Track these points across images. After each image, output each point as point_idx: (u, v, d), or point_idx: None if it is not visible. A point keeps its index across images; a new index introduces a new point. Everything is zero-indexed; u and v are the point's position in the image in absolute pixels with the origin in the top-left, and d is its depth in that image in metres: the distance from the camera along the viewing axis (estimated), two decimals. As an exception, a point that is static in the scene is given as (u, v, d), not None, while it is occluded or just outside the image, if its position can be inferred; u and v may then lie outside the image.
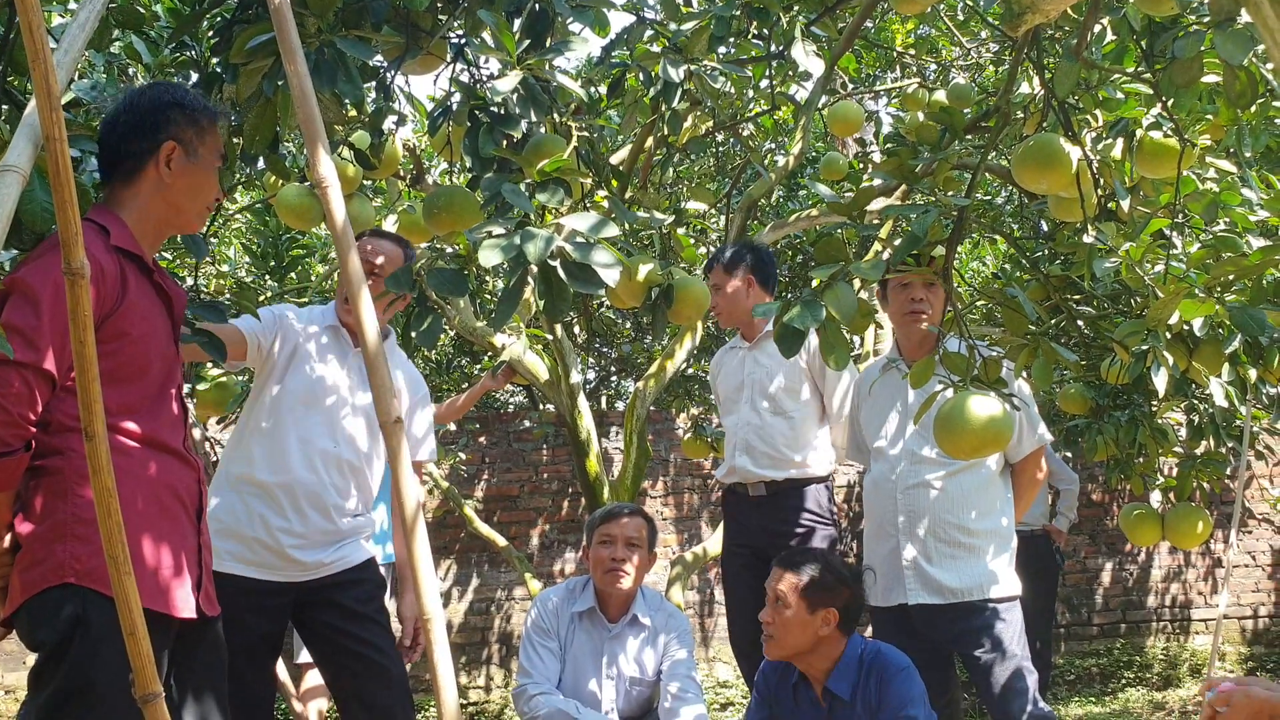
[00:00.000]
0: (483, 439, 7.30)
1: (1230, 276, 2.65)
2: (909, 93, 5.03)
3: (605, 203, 2.73)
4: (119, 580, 1.50)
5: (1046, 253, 5.22)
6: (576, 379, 5.25)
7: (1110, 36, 2.95)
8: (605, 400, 8.82)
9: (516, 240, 2.01)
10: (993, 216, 5.94)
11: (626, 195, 2.85)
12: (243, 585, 2.85)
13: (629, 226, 2.74)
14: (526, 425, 7.38)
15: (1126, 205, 2.93)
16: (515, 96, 2.47)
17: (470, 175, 2.81)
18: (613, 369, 8.85)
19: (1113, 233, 3.04)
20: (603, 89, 3.99)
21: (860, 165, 5.76)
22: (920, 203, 2.49)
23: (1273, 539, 7.64)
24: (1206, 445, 4.40)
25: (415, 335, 2.21)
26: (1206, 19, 2.31)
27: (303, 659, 4.66)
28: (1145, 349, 2.96)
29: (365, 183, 3.81)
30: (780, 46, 3.59)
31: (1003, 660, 3.12)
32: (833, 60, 4.15)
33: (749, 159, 5.67)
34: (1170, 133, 2.77)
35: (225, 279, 5.48)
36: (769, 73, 4.42)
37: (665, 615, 3.59)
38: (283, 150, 2.96)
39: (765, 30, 3.61)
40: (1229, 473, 4.41)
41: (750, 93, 5.15)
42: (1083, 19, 2.67)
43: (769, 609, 2.95)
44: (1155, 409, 4.29)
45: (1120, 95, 3.04)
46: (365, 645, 2.98)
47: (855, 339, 5.60)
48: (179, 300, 2.30)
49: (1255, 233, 2.95)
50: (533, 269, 2.06)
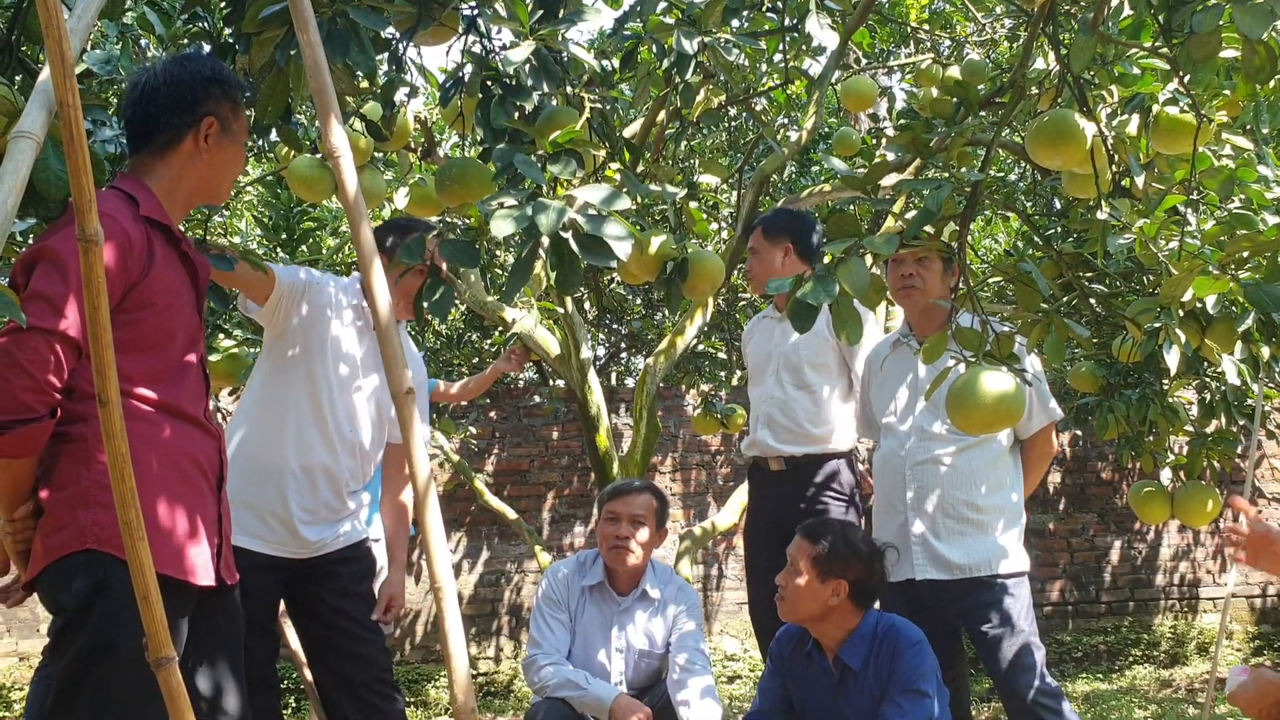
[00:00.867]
0: (493, 414, 7.32)
1: (1245, 253, 2.64)
2: (923, 68, 5.00)
3: (617, 176, 2.72)
4: (132, 545, 1.52)
5: (1059, 230, 5.20)
6: (587, 355, 5.26)
7: (1127, 11, 2.93)
8: (615, 376, 8.83)
9: (529, 211, 2.00)
10: (1006, 193, 5.91)
11: (639, 169, 2.84)
12: (248, 560, 2.85)
13: (641, 200, 2.73)
14: (537, 400, 7.39)
15: (1141, 182, 2.92)
16: (528, 68, 2.46)
17: (482, 148, 2.80)
18: (623, 345, 8.86)
19: (1127, 209, 3.03)
20: (616, 61, 3.97)
21: (873, 141, 5.74)
22: (934, 178, 2.48)
23: (1283, 519, 7.64)
24: (1218, 424, 4.39)
25: (427, 306, 2.21)
26: (1225, -7, 2.29)
27: None
28: (1157, 326, 2.96)
29: (376, 155, 3.80)
30: (794, 20, 3.57)
31: (1010, 636, 3.13)
32: (846, 34, 4.12)
33: (762, 134, 5.64)
34: (1187, 108, 2.75)
35: (237, 250, 5.48)
36: (783, 46, 4.40)
37: (675, 588, 3.60)
38: (294, 121, 2.95)
39: (779, 3, 3.59)
40: (1240, 451, 4.40)
41: (764, 66, 5.13)
42: (1100, -7, 2.65)
43: (785, 572, 2.98)
44: (1166, 387, 4.28)
45: (1137, 70, 3.02)
46: (352, 622, 3.00)
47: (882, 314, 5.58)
48: (204, 270, 2.32)
49: (1271, 210, 2.94)
50: (544, 241, 2.06)
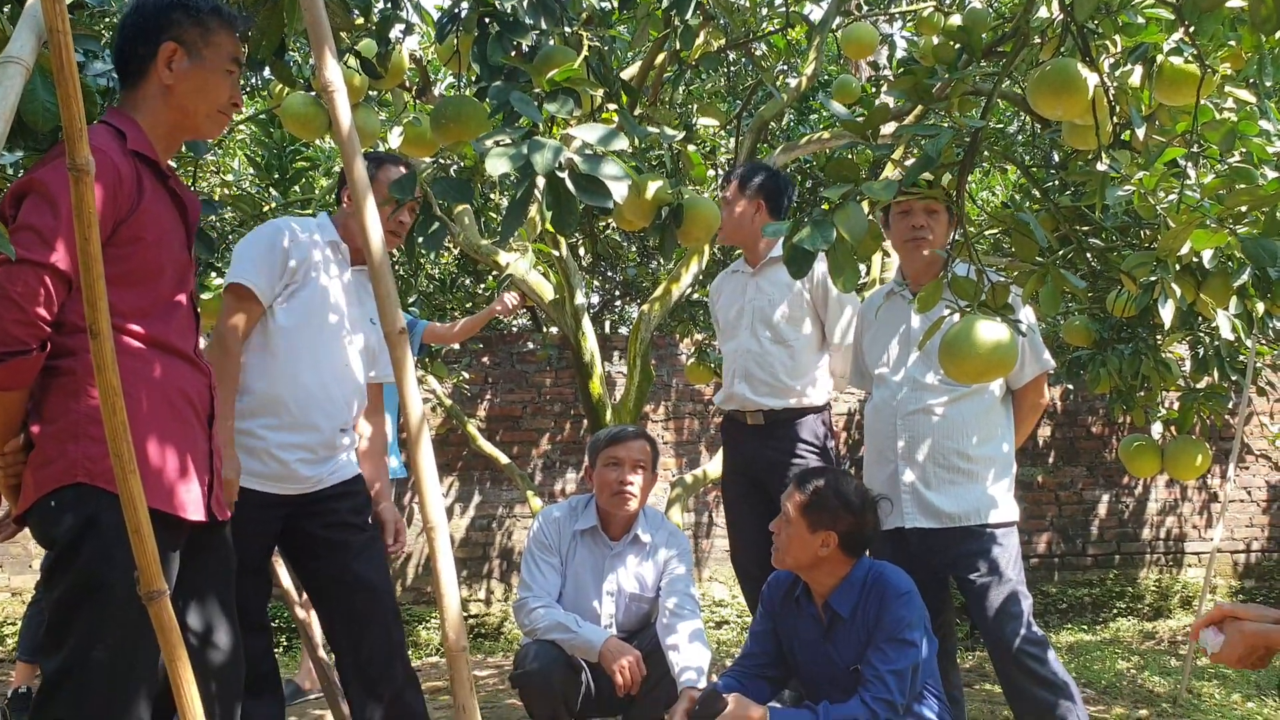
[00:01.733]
0: (486, 359, 7.32)
1: (1244, 208, 2.62)
2: (924, 16, 4.94)
3: (615, 117, 2.69)
4: (124, 479, 1.51)
5: (1057, 183, 5.18)
6: (581, 301, 5.24)
7: (1133, -41, 2.89)
8: (609, 324, 8.81)
9: (524, 150, 1.98)
10: (1004, 145, 5.87)
11: (636, 111, 2.81)
12: (244, 498, 2.85)
13: (639, 143, 2.71)
14: (530, 347, 7.39)
15: (1142, 134, 2.89)
16: (525, 4, 2.43)
17: (478, 87, 2.77)
18: (617, 292, 8.83)
19: (1127, 161, 3.01)
20: (614, 1, 3.92)
21: (873, 89, 5.69)
22: (934, 124, 2.45)
23: (1269, 475, 7.69)
24: (1209, 379, 4.41)
25: (420, 240, 2.20)
26: (1234, -60, 2.26)
27: None
28: (1153, 280, 2.95)
29: (371, 93, 3.76)
30: (796, -37, 3.52)
31: (998, 584, 3.15)
32: (849, -21, 4.07)
33: (761, 79, 5.59)
34: (1191, 59, 2.72)
35: (230, 188, 5.44)
36: (784, -10, 4.35)
37: (665, 533, 3.62)
38: (288, 58, 2.91)
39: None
40: (1230, 407, 4.42)
41: (764, 11, 5.07)
42: (1107, -61, 2.61)
43: (778, 520, 3.00)
44: (1160, 342, 4.29)
45: (1141, 20, 2.98)
46: (353, 556, 2.98)
47: (862, 268, 5.58)
48: (193, 207, 2.30)
49: (1271, 164, 2.92)
50: (540, 180, 2.04)
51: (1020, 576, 3.22)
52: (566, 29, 2.73)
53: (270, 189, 5.24)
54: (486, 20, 2.43)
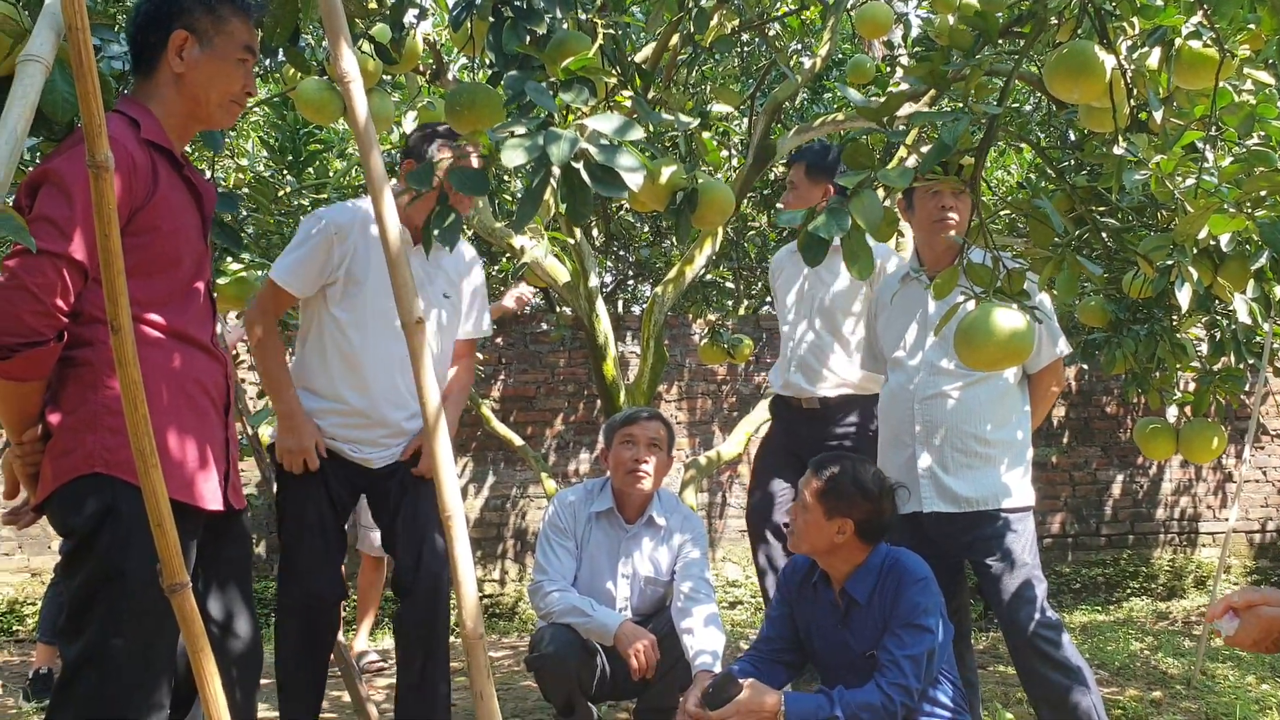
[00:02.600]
0: (500, 340, 7.32)
1: (1263, 192, 2.61)
2: (940, -5, 4.90)
3: (629, 103, 2.68)
4: (146, 473, 1.52)
5: (1073, 163, 5.14)
6: (595, 283, 5.23)
7: (1152, -60, 2.86)
8: (622, 304, 8.80)
9: (540, 141, 1.98)
10: (1020, 125, 5.83)
11: (650, 95, 2.80)
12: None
13: (653, 128, 2.70)
14: (544, 328, 7.39)
15: (1159, 117, 2.87)
16: (540, -9, 2.42)
17: (492, 71, 2.76)
18: (630, 272, 8.82)
19: (1144, 144, 2.98)
20: (628, -15, 3.90)
21: (887, 69, 5.65)
22: (950, 109, 2.44)
23: (1285, 455, 7.67)
24: (1226, 361, 4.39)
25: (437, 233, 2.20)
26: (1255, -77, 2.24)
27: (365, 546, 5.10)
28: (1170, 263, 2.93)
29: (385, 78, 3.75)
30: (810, -56, 3.49)
31: (1013, 569, 3.16)
32: (863, -41, 4.04)
33: (774, 60, 5.55)
34: (1210, 42, 2.69)
35: (244, 173, 5.44)
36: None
37: (681, 517, 3.63)
38: (302, 43, 2.91)
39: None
40: (1246, 389, 4.40)
41: (779, -9, 5.03)
42: (1125, -80, 2.59)
43: (796, 506, 3.01)
44: (1176, 323, 4.27)
45: (1159, 2, 2.95)
46: (418, 516, 3.14)
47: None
48: (209, 195, 2.30)
49: (1290, 147, 2.89)
50: (555, 171, 2.04)
51: (1035, 561, 3.22)
52: (581, 14, 2.72)
53: (284, 172, 5.24)
54: (501, 7, 2.42)
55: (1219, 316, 4.26)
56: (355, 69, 2.01)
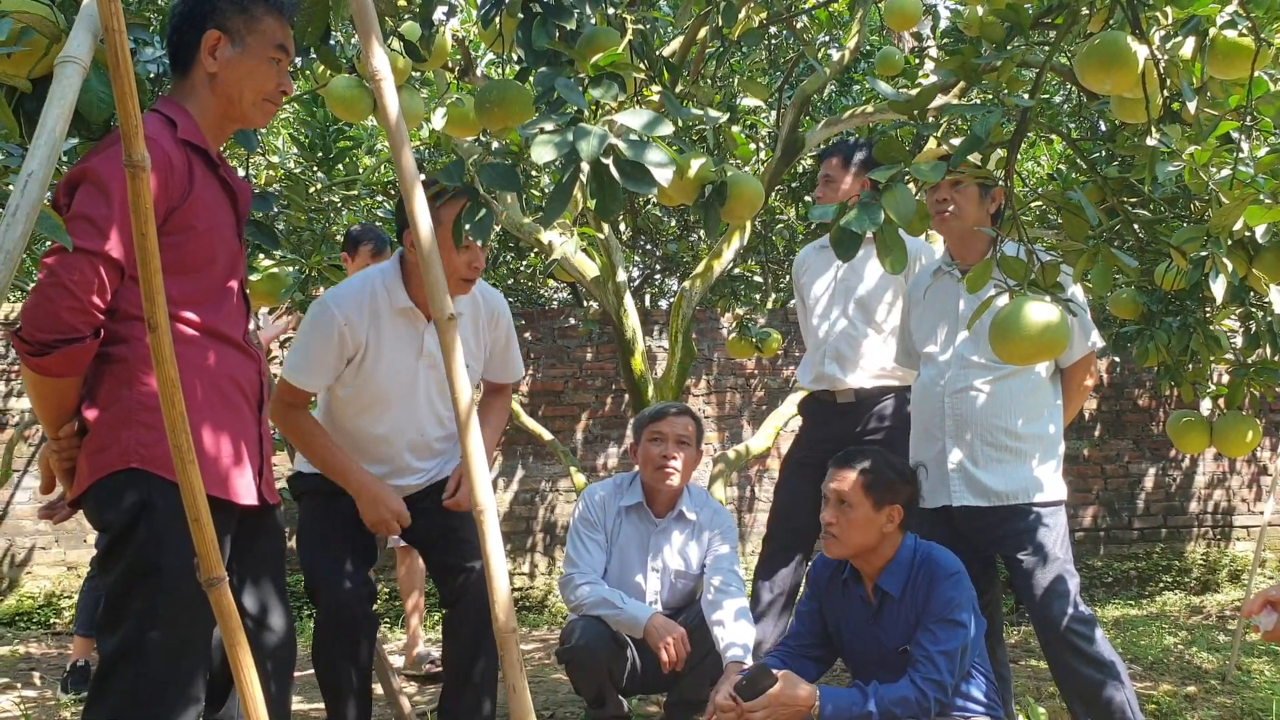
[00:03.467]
0: (528, 335, 7.35)
1: (1300, 182, 2.58)
2: (970, -14, 4.86)
3: (658, 98, 2.68)
4: (183, 469, 1.54)
5: (1104, 154, 5.10)
6: (623, 277, 5.24)
7: (1186, -72, 2.82)
8: (650, 298, 8.81)
9: (569, 137, 1.98)
10: (1050, 116, 5.79)
11: (678, 89, 2.79)
12: None
13: (682, 123, 2.70)
14: (572, 322, 7.41)
15: (1193, 107, 2.84)
16: (569, -13, 2.42)
17: (520, 68, 2.77)
18: (658, 267, 8.82)
19: (1177, 135, 2.95)
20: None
21: (916, 61, 5.62)
22: (982, 103, 2.43)
23: (1321, 448, 7.58)
24: (1260, 353, 4.34)
25: (468, 228, 2.21)
26: (1291, -90, 2.21)
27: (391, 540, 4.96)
28: (1204, 255, 2.90)
29: (414, 75, 3.77)
30: (839, -64, 3.47)
31: (1045, 564, 3.14)
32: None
33: (803, 53, 5.54)
34: (1245, 31, 2.66)
35: (275, 169, 5.48)
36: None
37: (710, 511, 3.64)
38: (332, 41, 2.92)
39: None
40: (1281, 381, 4.34)
41: (807, -16, 5.02)
42: (1159, -91, 2.56)
43: (831, 509, 2.97)
44: (1209, 315, 4.22)
45: (1193, -10, 2.92)
46: (454, 531, 3.09)
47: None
48: (244, 194, 2.32)
49: (1327, 137, 2.86)
50: (585, 167, 2.04)
51: (1068, 555, 3.20)
52: (610, 10, 2.72)
53: (314, 168, 5.27)
54: (530, 3, 2.43)
55: (1254, 308, 4.22)
56: (387, 68, 2.02)
